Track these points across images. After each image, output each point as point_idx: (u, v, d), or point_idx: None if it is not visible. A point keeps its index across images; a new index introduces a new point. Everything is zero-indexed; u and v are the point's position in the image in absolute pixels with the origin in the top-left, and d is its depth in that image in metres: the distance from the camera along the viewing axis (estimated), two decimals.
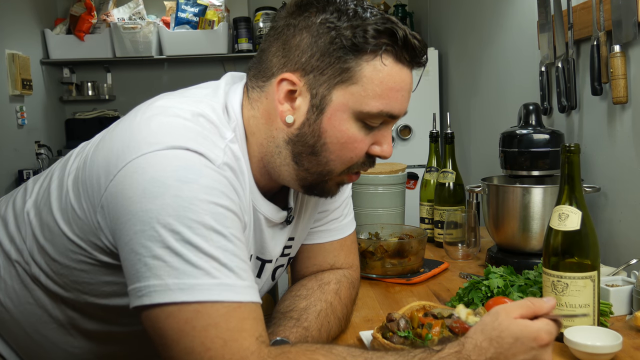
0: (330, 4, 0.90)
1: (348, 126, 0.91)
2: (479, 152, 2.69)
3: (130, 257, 0.80)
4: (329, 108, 0.90)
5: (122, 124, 0.91)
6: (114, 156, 0.84)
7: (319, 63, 0.89)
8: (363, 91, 0.89)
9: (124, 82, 4.18)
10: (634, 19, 1.33)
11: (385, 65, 0.89)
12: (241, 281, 0.80)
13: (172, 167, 0.80)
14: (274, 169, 0.96)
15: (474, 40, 2.70)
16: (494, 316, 0.86)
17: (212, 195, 0.80)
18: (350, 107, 0.90)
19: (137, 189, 0.79)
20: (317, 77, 0.89)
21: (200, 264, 0.77)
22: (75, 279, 0.95)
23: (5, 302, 1.02)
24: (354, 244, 1.23)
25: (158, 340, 0.79)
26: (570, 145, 1.05)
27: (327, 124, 0.91)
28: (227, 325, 0.77)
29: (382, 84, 0.89)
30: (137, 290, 0.79)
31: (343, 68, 0.88)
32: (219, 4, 3.85)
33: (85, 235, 0.90)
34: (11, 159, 3.30)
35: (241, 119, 0.95)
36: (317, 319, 1.04)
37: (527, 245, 1.45)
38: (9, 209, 1.05)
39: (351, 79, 0.89)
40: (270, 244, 1.04)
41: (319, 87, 0.90)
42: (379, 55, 0.88)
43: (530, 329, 0.84)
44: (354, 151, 0.93)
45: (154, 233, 0.77)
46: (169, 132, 0.83)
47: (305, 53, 0.89)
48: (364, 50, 0.88)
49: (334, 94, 0.89)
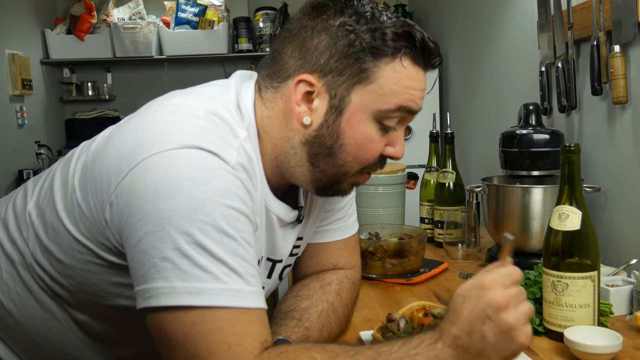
0: (348, 7, 0.90)
1: (367, 127, 0.91)
2: (479, 152, 2.69)
3: (139, 258, 0.79)
4: (348, 109, 0.90)
5: (134, 120, 0.90)
6: (126, 154, 0.83)
7: (338, 64, 0.89)
8: (380, 89, 0.89)
9: (124, 82, 4.18)
10: (634, 19, 1.33)
11: (404, 68, 0.90)
12: (249, 287, 0.79)
13: (186, 168, 0.79)
14: (287, 169, 0.96)
15: (474, 40, 2.70)
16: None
17: (225, 197, 0.79)
18: (369, 108, 0.90)
19: (150, 188, 0.78)
20: (336, 78, 0.90)
21: (210, 268, 0.77)
22: (81, 280, 0.94)
23: (9, 306, 1.00)
24: (357, 245, 1.23)
25: (162, 342, 0.79)
26: (570, 145, 1.05)
27: (345, 125, 0.91)
28: (233, 329, 0.77)
29: (399, 82, 0.90)
30: (144, 291, 0.78)
31: (362, 69, 0.89)
32: (219, 4, 3.86)
33: (91, 234, 0.89)
34: (11, 159, 3.30)
35: (254, 117, 0.94)
36: (319, 319, 1.04)
37: (527, 245, 1.45)
38: (9, 211, 1.04)
39: (369, 78, 0.89)
40: (281, 243, 1.03)
41: (337, 88, 0.90)
42: (398, 58, 0.89)
43: (472, 281, 0.82)
44: (371, 152, 0.93)
45: (165, 234, 0.77)
46: (183, 131, 0.83)
47: (324, 55, 0.89)
48: (384, 53, 0.88)
49: (352, 95, 0.90)
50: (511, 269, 0.83)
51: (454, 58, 3.08)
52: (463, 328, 0.80)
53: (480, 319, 0.79)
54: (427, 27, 3.60)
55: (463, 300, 0.81)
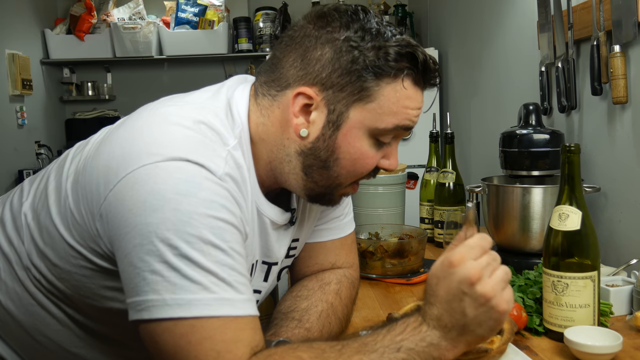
0: (355, 21, 0.90)
1: (362, 143, 0.92)
2: (479, 152, 2.69)
3: (129, 270, 0.80)
4: (346, 125, 0.90)
5: (123, 128, 0.90)
6: (114, 164, 0.84)
7: (340, 80, 0.89)
8: (380, 109, 0.90)
9: (124, 82, 4.18)
10: (634, 19, 1.33)
11: (405, 89, 0.90)
12: (239, 295, 0.80)
13: (173, 180, 0.79)
14: (281, 174, 0.96)
15: (474, 40, 2.70)
16: None
17: (211, 209, 0.80)
18: (366, 125, 0.91)
19: (137, 201, 0.79)
20: (336, 93, 0.89)
21: (198, 279, 0.77)
22: (76, 283, 0.94)
23: (7, 304, 1.01)
24: (353, 243, 1.24)
25: (155, 353, 0.80)
26: (570, 145, 1.05)
27: (342, 140, 0.91)
28: (222, 337, 0.77)
29: (398, 102, 0.90)
30: (135, 304, 0.79)
31: (363, 87, 0.88)
32: (219, 4, 3.85)
33: (84, 240, 0.89)
34: (11, 159, 3.30)
35: (247, 123, 0.94)
36: (319, 319, 1.04)
37: (527, 245, 1.45)
38: (6, 210, 1.04)
39: (369, 97, 0.89)
40: (276, 246, 1.04)
41: (337, 104, 0.90)
42: (400, 79, 0.89)
43: (441, 259, 0.82)
44: (365, 167, 0.94)
45: (153, 247, 0.77)
46: (170, 143, 0.83)
47: (326, 68, 0.89)
48: (386, 73, 0.88)
49: (351, 111, 0.90)
50: (478, 238, 0.82)
51: (454, 58, 3.08)
52: (443, 308, 0.80)
53: (457, 296, 0.79)
54: (427, 27, 3.60)
55: (437, 280, 0.82)
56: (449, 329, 0.80)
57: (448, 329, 0.80)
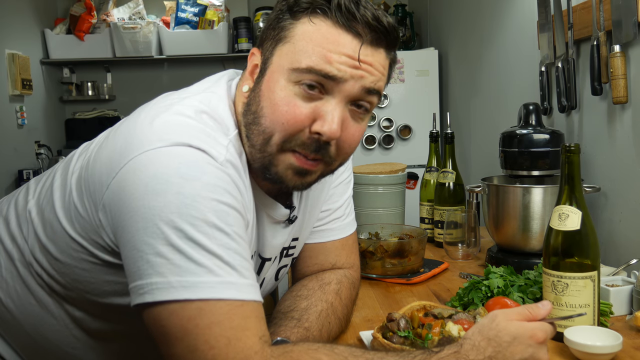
0: None
1: (281, 87, 0.88)
2: (479, 152, 2.69)
3: (132, 255, 0.79)
4: (269, 70, 0.91)
5: (126, 123, 0.91)
6: (117, 154, 0.84)
7: (269, 32, 0.93)
8: (294, 48, 0.89)
9: (124, 82, 4.18)
10: (634, 19, 1.33)
11: (313, 24, 0.88)
12: (244, 279, 0.80)
13: (175, 164, 0.80)
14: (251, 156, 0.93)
15: (474, 40, 2.70)
16: (491, 318, 0.87)
17: (214, 192, 0.80)
18: (284, 67, 0.89)
19: (140, 186, 0.79)
20: (266, 45, 0.93)
21: (203, 262, 0.77)
22: (77, 277, 0.95)
23: (7, 302, 1.02)
24: (355, 244, 1.23)
25: (161, 338, 0.79)
26: (570, 145, 1.05)
27: (265, 87, 0.91)
28: (231, 323, 0.77)
29: (311, 41, 0.87)
30: (138, 287, 0.79)
31: (280, 27, 0.91)
32: (219, 4, 3.85)
33: (87, 233, 0.90)
34: (11, 159, 3.30)
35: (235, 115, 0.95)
36: (318, 319, 1.04)
37: (527, 245, 1.45)
38: (11, 209, 1.05)
39: (286, 37, 0.90)
40: (271, 242, 1.04)
41: (266, 52, 0.93)
42: (308, 15, 0.89)
43: (526, 328, 0.86)
44: (286, 115, 0.87)
45: (157, 230, 0.77)
46: (172, 130, 0.83)
47: (263, 29, 0.95)
48: (299, 11, 0.89)
49: (275, 56, 0.91)
50: (551, 328, 0.90)
51: (454, 58, 3.08)
52: (495, 351, 0.83)
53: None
54: (427, 27, 3.60)
55: (512, 340, 0.84)
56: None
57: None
